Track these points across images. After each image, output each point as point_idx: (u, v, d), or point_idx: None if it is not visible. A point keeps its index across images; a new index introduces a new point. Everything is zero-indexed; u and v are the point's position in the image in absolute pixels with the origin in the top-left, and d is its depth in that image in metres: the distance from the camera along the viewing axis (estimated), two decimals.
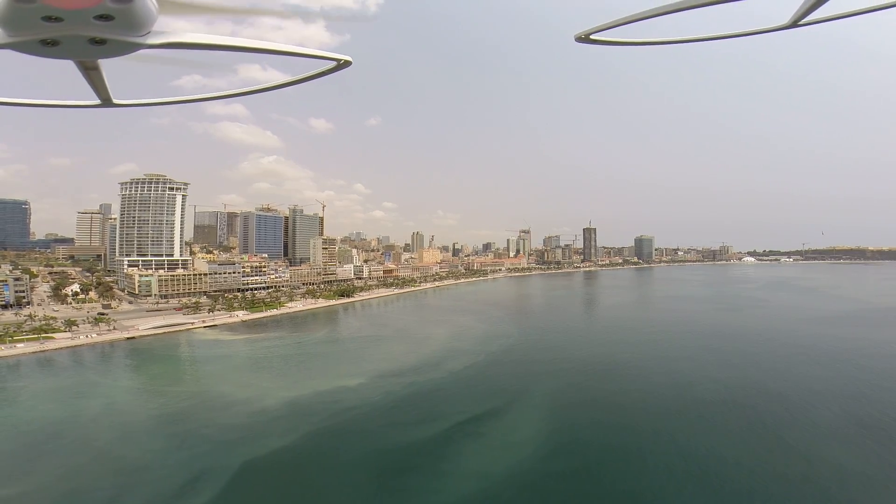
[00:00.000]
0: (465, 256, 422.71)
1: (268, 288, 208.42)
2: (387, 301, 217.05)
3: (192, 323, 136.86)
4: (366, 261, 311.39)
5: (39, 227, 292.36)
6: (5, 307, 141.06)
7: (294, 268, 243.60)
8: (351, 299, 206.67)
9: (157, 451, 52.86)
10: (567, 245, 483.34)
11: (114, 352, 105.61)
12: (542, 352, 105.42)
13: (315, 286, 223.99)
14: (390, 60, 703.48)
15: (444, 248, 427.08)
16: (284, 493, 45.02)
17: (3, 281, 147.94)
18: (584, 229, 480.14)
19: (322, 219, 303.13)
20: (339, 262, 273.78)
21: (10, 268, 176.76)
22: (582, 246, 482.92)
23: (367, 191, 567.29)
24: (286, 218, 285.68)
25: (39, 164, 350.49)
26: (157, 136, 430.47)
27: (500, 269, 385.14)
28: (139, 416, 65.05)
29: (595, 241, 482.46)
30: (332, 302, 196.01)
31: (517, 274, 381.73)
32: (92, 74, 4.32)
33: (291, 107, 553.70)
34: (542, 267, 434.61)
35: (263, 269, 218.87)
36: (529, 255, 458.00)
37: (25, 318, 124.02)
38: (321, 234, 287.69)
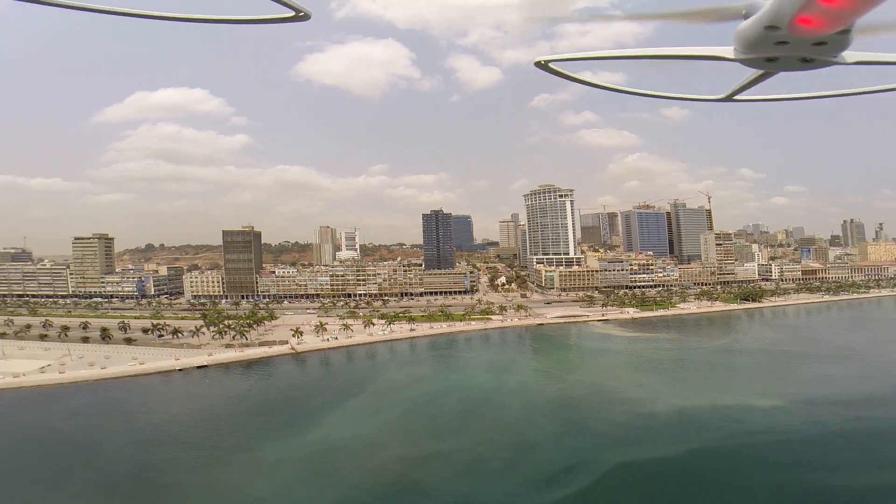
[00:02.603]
0: None
1: (656, 286, 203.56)
2: (810, 310, 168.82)
3: (588, 315, 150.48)
4: (772, 258, 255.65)
5: (478, 234, 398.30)
6: (464, 293, 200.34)
7: (683, 266, 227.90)
8: (757, 304, 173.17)
9: (548, 434, 58.56)
10: None
11: (528, 335, 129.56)
12: None
13: (709, 287, 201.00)
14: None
15: None
16: None
17: (464, 273, 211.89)
18: None
19: (709, 212, 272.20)
20: (737, 260, 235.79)
21: (465, 264, 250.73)
22: None
23: (758, 175, 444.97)
24: (668, 214, 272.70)
25: (470, 187, 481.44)
26: (533, 152, 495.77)
27: None
28: (541, 397, 74.82)
29: None
30: (732, 306, 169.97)
31: None
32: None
33: (637, 102, 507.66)
34: None
35: (651, 268, 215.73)
36: None
37: (476, 301, 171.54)
38: (710, 228, 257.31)
